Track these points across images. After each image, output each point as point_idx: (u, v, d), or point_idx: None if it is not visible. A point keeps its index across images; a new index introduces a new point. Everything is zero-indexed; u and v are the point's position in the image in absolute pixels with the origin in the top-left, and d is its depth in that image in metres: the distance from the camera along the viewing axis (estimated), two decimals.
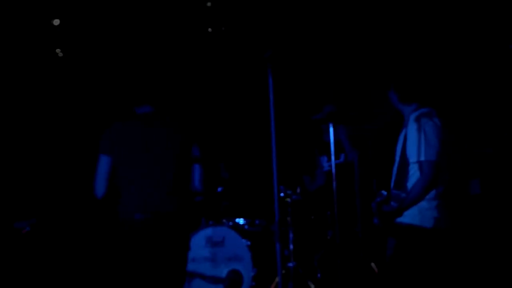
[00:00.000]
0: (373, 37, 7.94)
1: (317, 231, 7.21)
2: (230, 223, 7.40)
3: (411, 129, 5.09)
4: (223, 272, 7.06)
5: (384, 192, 5.18)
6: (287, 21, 8.11)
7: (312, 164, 7.50)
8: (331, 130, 6.54)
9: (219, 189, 7.80)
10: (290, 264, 6.89)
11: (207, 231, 7.24)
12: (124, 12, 8.26)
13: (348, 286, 6.54)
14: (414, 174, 5.07)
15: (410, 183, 5.09)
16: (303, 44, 8.18)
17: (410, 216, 5.02)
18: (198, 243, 7.20)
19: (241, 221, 7.48)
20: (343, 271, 6.38)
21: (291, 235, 7.01)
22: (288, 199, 7.04)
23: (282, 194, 7.02)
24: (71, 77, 8.57)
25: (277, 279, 6.42)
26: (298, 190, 7.19)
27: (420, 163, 4.98)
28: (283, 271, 6.82)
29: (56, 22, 8.16)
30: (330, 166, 6.86)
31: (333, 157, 6.49)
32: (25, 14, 8.05)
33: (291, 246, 6.96)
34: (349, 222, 6.86)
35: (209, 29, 8.26)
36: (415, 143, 5.03)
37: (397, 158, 5.25)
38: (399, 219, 5.04)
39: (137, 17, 8.31)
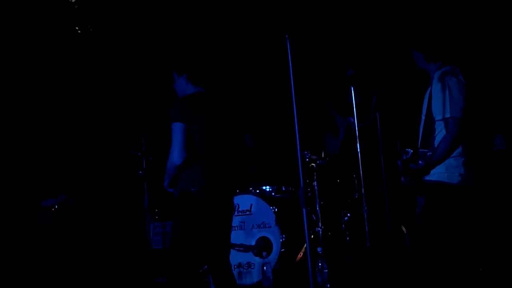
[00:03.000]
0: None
1: (344, 195, 7.23)
2: (257, 191, 7.42)
3: (436, 87, 5.04)
4: (252, 239, 7.11)
5: (410, 150, 5.13)
6: None
7: (334, 125, 7.49)
8: (352, 93, 6.55)
9: (244, 157, 7.84)
10: (318, 229, 6.91)
11: (235, 200, 7.18)
12: None
13: (378, 248, 6.54)
14: (440, 132, 5.03)
15: (436, 141, 5.05)
16: (320, 9, 8.15)
17: (437, 174, 5.00)
18: None
19: (267, 188, 7.49)
20: (371, 234, 6.39)
21: (317, 200, 7.02)
22: (313, 164, 7.04)
23: (307, 160, 7.02)
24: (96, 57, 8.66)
25: (305, 245, 6.46)
26: (323, 155, 7.19)
27: (445, 120, 4.95)
28: (312, 236, 6.85)
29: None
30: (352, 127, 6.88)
31: (356, 120, 6.50)
32: None
33: (318, 211, 6.98)
34: (375, 184, 6.86)
35: None
36: (440, 101, 4.99)
37: (423, 117, 5.22)
38: (427, 177, 5.02)
39: None
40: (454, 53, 5.27)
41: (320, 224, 6.89)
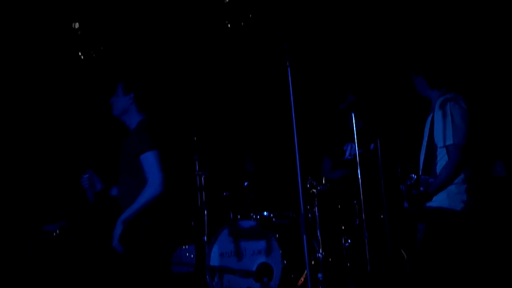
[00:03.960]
0: (395, 23, 7.92)
1: (345, 220, 7.20)
2: (258, 216, 7.42)
3: (438, 114, 5.07)
4: (252, 265, 7.09)
5: (414, 176, 5.13)
6: (305, 13, 8.13)
7: (336, 151, 7.49)
8: (353, 118, 6.55)
9: (245, 183, 7.85)
10: (319, 255, 6.90)
11: (235, 226, 7.31)
12: (144, 10, 8.35)
13: (379, 273, 6.51)
14: (442, 159, 5.06)
15: (438, 168, 5.09)
16: (322, 35, 8.19)
17: (439, 200, 5.01)
18: (227, 237, 7.28)
19: (268, 214, 7.49)
20: (372, 259, 6.37)
21: (318, 226, 7.01)
22: (314, 190, 7.01)
23: (308, 186, 7.00)
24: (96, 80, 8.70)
25: (306, 270, 6.45)
26: (324, 181, 7.20)
27: (447, 147, 4.98)
28: (313, 262, 6.84)
29: (76, 25, 8.25)
30: (353, 154, 6.88)
31: (356, 146, 6.50)
32: (46, 17, 8.17)
33: (319, 237, 6.96)
34: (376, 210, 6.84)
35: (228, 25, 8.31)
36: (442, 128, 5.03)
37: (425, 143, 5.24)
38: (428, 203, 5.04)
39: (158, 15, 8.39)
40: (457, 80, 5.30)
41: (320, 250, 6.87)
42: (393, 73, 7.85)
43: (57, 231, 7.48)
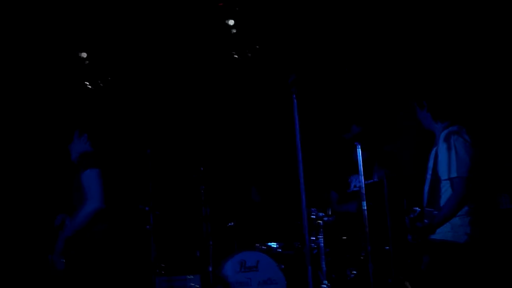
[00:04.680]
0: (399, 57, 7.95)
1: (350, 252, 7.18)
2: (263, 247, 7.37)
3: (442, 147, 5.10)
4: None
5: (417, 209, 5.14)
6: (310, 45, 8.16)
7: (341, 183, 7.48)
8: (359, 150, 6.55)
9: (251, 213, 7.86)
10: (324, 286, 6.85)
11: (241, 256, 7.22)
12: (153, 39, 8.40)
13: None
14: (446, 191, 5.07)
15: (442, 201, 5.09)
16: (327, 66, 8.22)
17: (443, 233, 5.02)
18: (233, 268, 7.20)
19: (274, 244, 7.44)
20: None
21: (323, 257, 6.99)
22: (320, 221, 6.99)
23: (313, 216, 6.98)
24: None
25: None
26: (329, 212, 7.18)
27: (451, 180, 4.99)
28: None
29: (84, 55, 8.32)
30: (357, 186, 6.86)
31: (361, 177, 6.49)
32: (54, 47, 8.24)
33: (324, 268, 6.93)
34: (381, 241, 6.83)
35: (235, 55, 8.35)
36: (446, 161, 5.04)
37: (429, 176, 5.24)
38: (432, 236, 5.04)
39: (164, 46, 8.44)
40: (460, 113, 5.31)
41: (326, 281, 6.84)
42: (397, 105, 7.85)
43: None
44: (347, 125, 7.24)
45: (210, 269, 7.51)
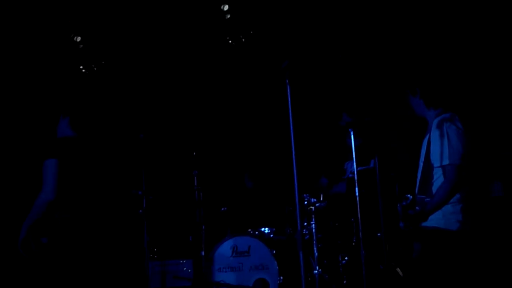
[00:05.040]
0: (393, 42, 7.95)
1: (342, 238, 7.21)
2: (256, 233, 7.43)
3: (435, 134, 5.08)
4: (249, 281, 7.09)
5: (410, 196, 5.13)
6: (304, 31, 8.16)
7: (335, 169, 7.49)
8: (352, 136, 6.55)
9: (243, 199, 7.88)
10: (315, 272, 6.88)
11: (233, 241, 7.29)
12: (146, 24, 8.39)
13: None
14: (438, 179, 5.05)
15: (434, 188, 5.07)
16: (320, 51, 8.21)
17: (434, 220, 5.00)
18: (224, 253, 7.28)
19: (266, 230, 7.50)
20: (368, 277, 6.33)
21: (315, 243, 7.00)
22: (312, 207, 7.02)
23: (305, 203, 7.02)
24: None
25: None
26: (322, 198, 7.19)
27: (444, 167, 4.98)
28: (309, 279, 6.83)
29: (78, 39, 8.30)
30: (353, 172, 6.87)
31: (354, 164, 6.49)
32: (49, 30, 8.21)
33: (316, 253, 6.94)
34: (373, 228, 6.83)
35: (229, 41, 8.35)
36: (438, 148, 5.02)
37: (421, 163, 5.23)
38: (424, 223, 5.04)
39: (158, 31, 8.42)
40: (453, 100, 5.31)
41: (317, 267, 6.86)
42: (391, 91, 7.85)
43: None
44: (340, 112, 7.25)
45: (203, 253, 7.54)
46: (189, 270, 7.91)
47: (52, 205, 5.35)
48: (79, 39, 8.30)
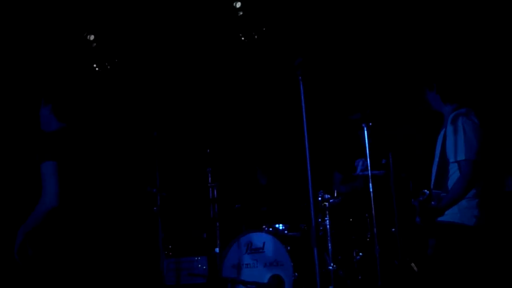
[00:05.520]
0: (409, 38, 7.92)
1: (356, 234, 7.22)
2: (270, 229, 7.42)
3: (450, 129, 5.06)
4: (264, 277, 7.09)
5: (427, 191, 5.11)
6: (318, 27, 8.15)
7: (346, 165, 7.48)
8: (365, 132, 6.55)
9: (258, 195, 7.90)
10: (330, 268, 6.88)
11: (247, 238, 7.31)
12: (159, 23, 8.44)
13: (389, 286, 6.49)
14: (454, 174, 5.03)
15: (450, 183, 5.05)
16: (334, 48, 8.22)
17: (450, 215, 4.97)
18: (239, 249, 7.28)
19: (280, 226, 7.50)
20: (383, 272, 6.36)
21: (329, 239, 7.00)
22: (326, 203, 7.04)
23: (319, 199, 7.03)
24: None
25: (317, 284, 6.44)
26: (336, 194, 7.19)
27: (459, 162, 4.95)
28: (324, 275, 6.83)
29: (91, 37, 8.33)
30: (364, 170, 6.86)
31: (368, 160, 6.49)
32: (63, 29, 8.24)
33: (330, 250, 6.95)
34: (387, 223, 6.85)
35: (242, 37, 8.36)
36: (454, 143, 5.00)
37: (437, 158, 5.21)
38: (440, 218, 5.02)
39: (172, 28, 8.45)
40: (469, 95, 5.29)
41: (332, 263, 6.86)
42: (404, 87, 7.83)
43: None
44: (353, 108, 7.23)
45: (217, 250, 7.58)
46: (204, 267, 8.00)
47: (55, 212, 4.95)
48: (92, 37, 8.33)
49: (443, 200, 4.99)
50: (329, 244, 6.97)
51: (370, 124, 6.58)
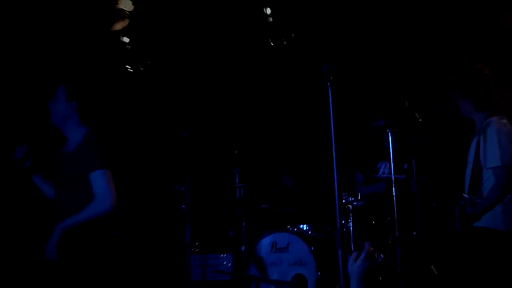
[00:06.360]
0: (435, 45, 7.92)
1: (378, 236, 7.19)
2: (294, 229, 7.46)
3: (485, 136, 5.09)
4: (288, 276, 7.12)
5: (467, 196, 5.18)
6: (342, 33, 8.19)
7: (369, 167, 7.50)
8: (390, 137, 6.58)
9: (283, 196, 7.93)
10: None
11: (272, 237, 7.36)
12: (191, 26, 8.47)
13: None
14: (488, 180, 5.06)
15: (484, 188, 5.08)
16: (360, 53, 8.24)
17: (484, 220, 5.02)
18: (264, 248, 7.35)
19: (304, 227, 7.52)
20: (403, 275, 6.35)
21: (352, 240, 7.00)
22: (350, 206, 7.02)
23: (343, 201, 7.00)
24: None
25: (340, 283, 6.46)
26: (359, 197, 7.21)
27: (494, 169, 4.98)
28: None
29: (126, 39, 8.40)
30: (386, 173, 6.88)
31: (392, 164, 6.51)
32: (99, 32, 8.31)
33: (353, 251, 6.93)
34: (409, 227, 6.84)
35: (271, 43, 8.42)
36: (488, 149, 5.04)
37: (470, 165, 5.24)
38: (476, 224, 5.06)
39: (204, 33, 8.49)
40: (501, 103, 5.31)
41: None
42: (427, 94, 7.85)
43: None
44: (379, 113, 7.25)
45: (243, 248, 7.56)
46: (229, 264, 8.03)
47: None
48: (126, 40, 8.40)
49: (478, 206, 5.02)
50: (352, 246, 6.96)
51: (395, 130, 6.61)
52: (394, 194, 6.47)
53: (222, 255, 8.12)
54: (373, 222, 7.27)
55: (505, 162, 4.95)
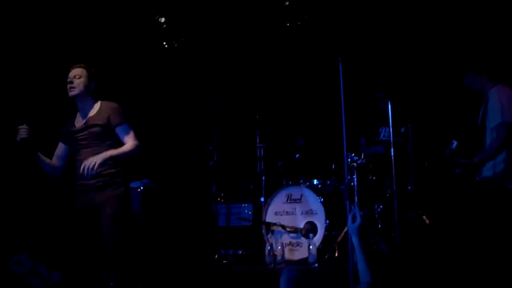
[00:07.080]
0: (443, 25, 7.75)
1: (378, 190, 7.28)
2: (307, 183, 7.47)
3: (490, 100, 5.09)
4: (301, 223, 7.14)
5: (455, 141, 5.19)
6: (353, 15, 8.14)
7: (371, 131, 7.48)
8: (389, 106, 6.63)
9: (297, 155, 8.01)
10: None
11: (288, 190, 7.35)
12: (217, 11, 8.47)
13: (404, 235, 6.52)
14: (491, 137, 5.07)
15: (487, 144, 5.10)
16: (370, 33, 8.12)
17: (485, 172, 5.07)
18: (280, 199, 7.34)
19: (315, 181, 7.54)
20: (400, 223, 6.42)
21: (356, 193, 7.09)
22: (354, 164, 7.10)
23: (349, 160, 7.04)
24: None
25: (346, 228, 6.52)
26: (362, 156, 7.25)
27: (496, 126, 4.98)
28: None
29: (162, 19, 8.47)
30: (386, 136, 7.02)
31: (391, 129, 6.60)
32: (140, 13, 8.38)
33: (357, 202, 7.04)
34: (404, 182, 6.88)
35: (287, 24, 8.44)
36: (491, 109, 5.04)
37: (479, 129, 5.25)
38: (477, 177, 5.09)
39: (228, 16, 8.53)
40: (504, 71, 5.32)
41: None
42: (423, 68, 7.79)
43: (141, 188, 7.63)
44: (380, 85, 7.21)
45: (262, 199, 7.65)
46: (250, 213, 8.18)
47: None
48: (163, 19, 8.44)
49: (476, 157, 5.05)
50: (356, 198, 7.06)
51: (394, 100, 6.65)
52: (392, 154, 6.58)
53: (244, 205, 8.24)
54: (374, 178, 7.39)
55: (505, 119, 4.95)
